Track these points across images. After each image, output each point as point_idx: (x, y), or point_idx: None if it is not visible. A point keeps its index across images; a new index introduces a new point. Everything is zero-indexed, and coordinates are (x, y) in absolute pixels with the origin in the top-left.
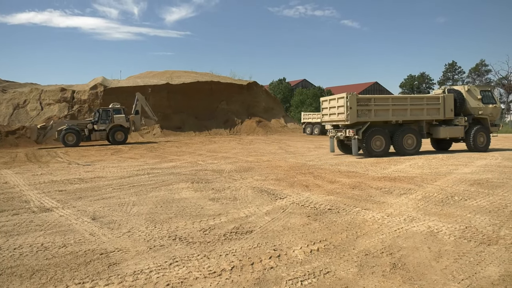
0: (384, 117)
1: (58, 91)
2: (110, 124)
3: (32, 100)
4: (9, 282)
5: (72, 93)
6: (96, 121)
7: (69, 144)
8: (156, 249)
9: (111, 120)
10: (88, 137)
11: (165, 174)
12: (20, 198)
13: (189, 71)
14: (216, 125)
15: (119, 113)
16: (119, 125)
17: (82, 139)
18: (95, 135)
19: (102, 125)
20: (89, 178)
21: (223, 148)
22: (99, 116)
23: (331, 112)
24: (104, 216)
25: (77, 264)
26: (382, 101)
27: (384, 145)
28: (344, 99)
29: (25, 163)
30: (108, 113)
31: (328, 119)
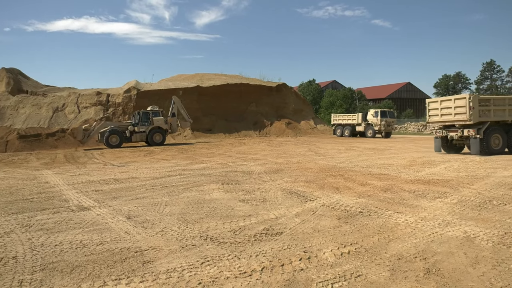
0: (502, 117)
1: (94, 94)
2: (150, 126)
3: (70, 103)
4: (51, 276)
5: (107, 97)
6: (136, 123)
7: (112, 145)
8: (188, 249)
9: (151, 122)
10: (129, 139)
11: (196, 175)
12: (60, 197)
13: (219, 74)
14: (246, 127)
15: (158, 115)
16: (157, 127)
17: (123, 141)
18: (135, 137)
19: (142, 127)
20: (124, 179)
21: (252, 149)
22: (139, 119)
23: (445, 112)
24: (138, 215)
25: (114, 261)
26: (500, 102)
27: (501, 143)
28: (466, 100)
29: (64, 164)
30: (147, 116)
31: (440, 119)
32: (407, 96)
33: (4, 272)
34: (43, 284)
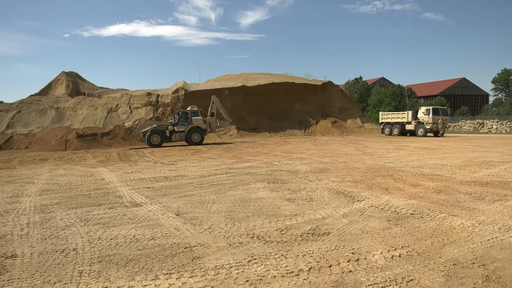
0: None
1: (145, 95)
2: (189, 126)
3: (123, 104)
4: (108, 268)
5: (156, 97)
6: (176, 123)
7: (154, 144)
8: (235, 246)
9: (190, 122)
10: (169, 138)
11: (242, 174)
12: (114, 194)
13: (264, 73)
14: (291, 126)
15: (197, 115)
16: (196, 127)
17: (164, 140)
18: (175, 136)
19: (181, 127)
20: (173, 177)
21: (297, 149)
22: (179, 118)
23: None
24: (187, 212)
25: (165, 256)
26: None
27: None
28: None
29: (117, 161)
30: (187, 115)
31: None
32: (462, 92)
33: (66, 262)
34: (100, 276)
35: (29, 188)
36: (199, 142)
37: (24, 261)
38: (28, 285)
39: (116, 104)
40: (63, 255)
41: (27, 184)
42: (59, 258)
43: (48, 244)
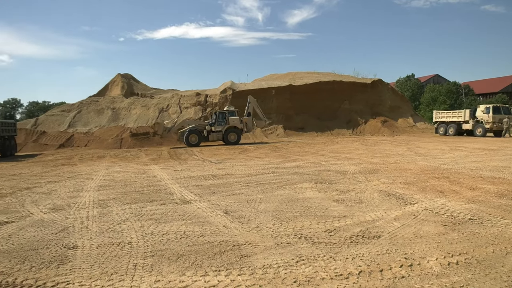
0: None
1: (194, 95)
2: (226, 126)
3: (173, 104)
4: (160, 263)
5: (205, 97)
6: (213, 123)
7: (192, 144)
8: (283, 246)
9: (227, 121)
10: (206, 138)
11: (289, 173)
12: (165, 191)
13: (311, 72)
14: (339, 125)
15: (233, 115)
16: (233, 127)
17: (202, 140)
18: (212, 136)
19: (218, 127)
20: (221, 175)
21: (346, 148)
22: (216, 118)
23: None
24: (234, 210)
25: (214, 253)
26: None
27: None
28: None
29: (168, 160)
30: (224, 115)
31: None
32: None
33: (122, 255)
34: (153, 269)
35: (88, 184)
36: (235, 142)
37: (84, 252)
38: (88, 275)
39: (167, 104)
40: (119, 248)
41: (86, 179)
42: (115, 251)
43: (106, 237)
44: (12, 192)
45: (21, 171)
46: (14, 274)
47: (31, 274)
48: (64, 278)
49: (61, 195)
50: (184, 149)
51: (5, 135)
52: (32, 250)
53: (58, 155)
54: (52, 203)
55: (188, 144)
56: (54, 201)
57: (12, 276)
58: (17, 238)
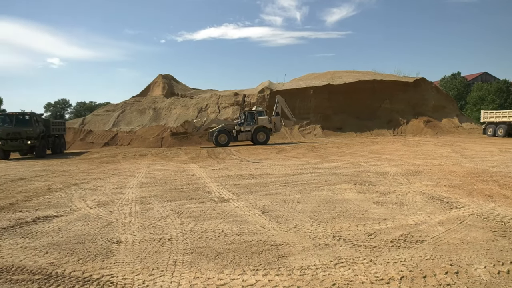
0: None
1: (232, 95)
2: (255, 126)
3: (212, 104)
4: (199, 260)
5: (243, 97)
6: (242, 122)
7: (221, 144)
8: (321, 248)
9: (255, 121)
10: (235, 138)
11: (327, 174)
12: (204, 189)
13: (350, 71)
14: (379, 126)
15: (262, 115)
16: (262, 126)
17: (231, 140)
18: (241, 136)
19: (247, 126)
20: (258, 175)
21: (386, 149)
22: (245, 118)
23: None
24: (272, 210)
25: (251, 252)
26: None
27: None
28: None
29: (206, 158)
30: (253, 115)
31: None
32: None
33: (162, 251)
34: (192, 266)
35: (131, 181)
36: (264, 142)
37: (127, 247)
38: (131, 269)
39: (205, 104)
40: (160, 244)
41: (129, 177)
42: (156, 247)
43: (147, 233)
44: (61, 188)
45: (70, 167)
46: (63, 266)
47: (78, 266)
48: (109, 271)
49: (105, 191)
50: (222, 148)
51: (56, 134)
52: (79, 243)
53: (103, 153)
54: (97, 199)
55: (217, 144)
56: (99, 197)
57: (61, 268)
58: (65, 231)
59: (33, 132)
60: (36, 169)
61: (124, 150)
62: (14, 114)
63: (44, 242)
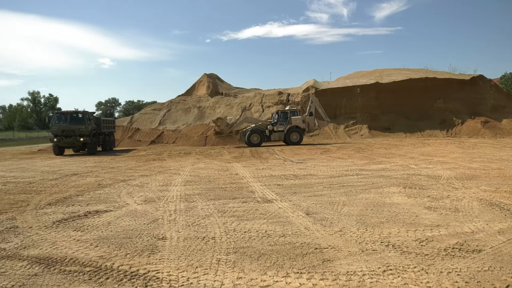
0: None
1: (276, 94)
2: (288, 125)
3: (255, 103)
4: (242, 260)
5: (287, 96)
6: (275, 122)
7: (253, 143)
8: (369, 253)
9: (289, 121)
10: (268, 138)
11: (374, 176)
12: (247, 189)
13: (400, 69)
14: (430, 126)
15: (296, 114)
16: (295, 126)
17: (263, 139)
18: (274, 136)
19: (280, 126)
20: (302, 175)
21: (438, 151)
22: (278, 118)
23: None
24: (316, 212)
25: (295, 255)
26: None
27: None
28: None
29: (249, 158)
30: (286, 115)
31: None
32: None
33: (206, 249)
34: (235, 265)
35: (176, 179)
36: (297, 142)
37: (172, 244)
38: (175, 265)
39: (249, 103)
40: (204, 242)
41: (174, 175)
42: (200, 245)
43: (191, 230)
44: (111, 184)
45: (118, 164)
46: (112, 259)
47: (126, 261)
48: (154, 267)
49: (152, 188)
50: (266, 148)
51: (106, 132)
52: (127, 238)
53: (149, 151)
54: (144, 195)
55: (249, 144)
56: (146, 193)
57: (110, 261)
58: (114, 226)
59: (86, 129)
60: (87, 165)
61: (170, 148)
62: (69, 112)
63: (95, 235)
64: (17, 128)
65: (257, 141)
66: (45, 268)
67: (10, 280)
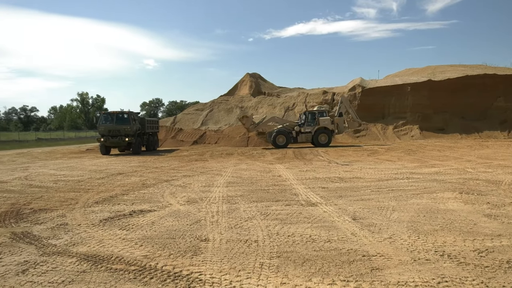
0: None
1: (321, 94)
2: (316, 127)
3: (299, 103)
4: (285, 265)
5: (332, 95)
6: (302, 123)
7: (279, 145)
8: (421, 263)
9: (317, 122)
10: (295, 139)
11: (426, 180)
12: (290, 191)
13: (455, 65)
14: (489, 127)
15: (324, 115)
16: (323, 128)
17: (290, 141)
18: (301, 137)
19: (308, 127)
20: (348, 178)
21: (499, 154)
22: (305, 119)
23: None
24: (364, 217)
25: (341, 261)
26: None
27: None
28: None
29: (292, 159)
30: (314, 116)
31: None
32: None
33: (249, 252)
34: (279, 271)
35: (218, 180)
36: (326, 144)
37: (214, 246)
38: (218, 268)
39: (293, 103)
40: (246, 245)
41: (216, 175)
42: (243, 248)
43: (234, 233)
44: (154, 184)
45: (162, 164)
46: (156, 259)
47: (170, 261)
48: (197, 268)
49: (194, 188)
50: (309, 149)
51: (150, 132)
52: (170, 238)
53: (192, 151)
54: (187, 196)
55: (275, 145)
56: (188, 194)
57: (154, 261)
58: (158, 226)
59: (131, 129)
60: (132, 165)
61: (212, 149)
62: (115, 113)
63: (139, 235)
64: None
65: (283, 142)
66: (93, 265)
67: (61, 275)
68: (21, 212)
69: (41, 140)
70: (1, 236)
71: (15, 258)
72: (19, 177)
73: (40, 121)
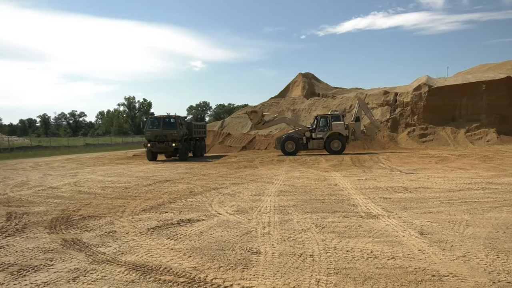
0: None
1: (381, 94)
2: (328, 132)
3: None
4: (344, 282)
5: (394, 96)
6: (313, 128)
7: (288, 152)
8: (502, 285)
9: (329, 127)
10: (306, 145)
11: (506, 191)
12: (348, 201)
13: None
14: None
15: (338, 120)
16: (336, 133)
17: (299, 147)
18: (312, 143)
19: (320, 133)
20: (413, 188)
21: None
22: (317, 124)
23: None
24: (432, 232)
25: (408, 281)
26: None
27: None
28: None
29: (350, 166)
30: (326, 120)
31: None
32: None
33: (304, 267)
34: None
35: (269, 188)
36: (339, 151)
37: (266, 259)
38: (271, 283)
39: (350, 105)
40: (301, 259)
41: (267, 183)
42: (297, 262)
43: (287, 246)
44: (202, 191)
45: (209, 171)
46: (205, 271)
47: (219, 274)
48: (249, 283)
49: (244, 197)
50: (369, 155)
51: (197, 137)
52: (219, 250)
53: (240, 157)
54: (236, 205)
55: (284, 152)
56: (238, 203)
57: (203, 273)
58: (207, 237)
59: (178, 134)
60: (179, 171)
61: (262, 155)
62: (162, 117)
63: (188, 245)
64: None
65: (292, 149)
66: (141, 275)
67: (110, 285)
68: (71, 219)
69: (89, 145)
70: (53, 242)
71: (66, 265)
72: (69, 183)
73: (88, 126)
